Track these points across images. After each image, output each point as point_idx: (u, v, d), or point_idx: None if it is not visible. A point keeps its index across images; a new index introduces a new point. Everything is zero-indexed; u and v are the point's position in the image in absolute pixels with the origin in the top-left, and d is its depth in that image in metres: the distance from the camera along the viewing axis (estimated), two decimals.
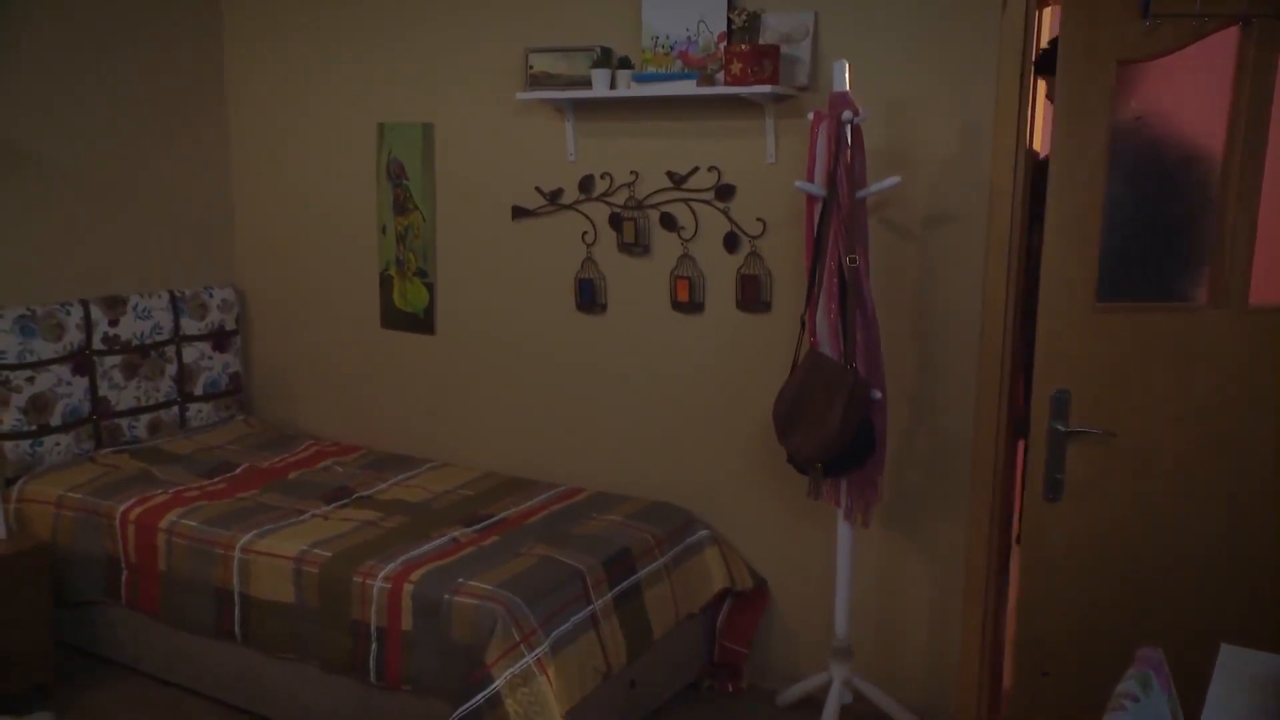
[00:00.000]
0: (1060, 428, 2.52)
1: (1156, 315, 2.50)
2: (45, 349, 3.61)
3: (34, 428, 3.59)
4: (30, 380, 3.57)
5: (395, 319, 4.00)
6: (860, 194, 2.82)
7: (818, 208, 2.86)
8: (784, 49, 3.03)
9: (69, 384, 3.69)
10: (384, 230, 3.96)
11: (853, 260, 2.78)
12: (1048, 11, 2.90)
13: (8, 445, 3.55)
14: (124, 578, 3.31)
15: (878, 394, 2.85)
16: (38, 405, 3.59)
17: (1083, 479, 2.56)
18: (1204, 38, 2.41)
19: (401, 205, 3.90)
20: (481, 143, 3.69)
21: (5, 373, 3.51)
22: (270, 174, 4.24)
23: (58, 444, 3.66)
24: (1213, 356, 2.46)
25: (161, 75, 4.03)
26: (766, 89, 2.96)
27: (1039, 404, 2.51)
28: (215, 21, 4.21)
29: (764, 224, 3.21)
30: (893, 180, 2.82)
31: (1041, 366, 2.53)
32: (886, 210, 3.02)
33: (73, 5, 3.72)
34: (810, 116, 2.86)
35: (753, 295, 3.26)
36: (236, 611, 3.07)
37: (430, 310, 3.91)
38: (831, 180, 2.79)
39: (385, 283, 4.00)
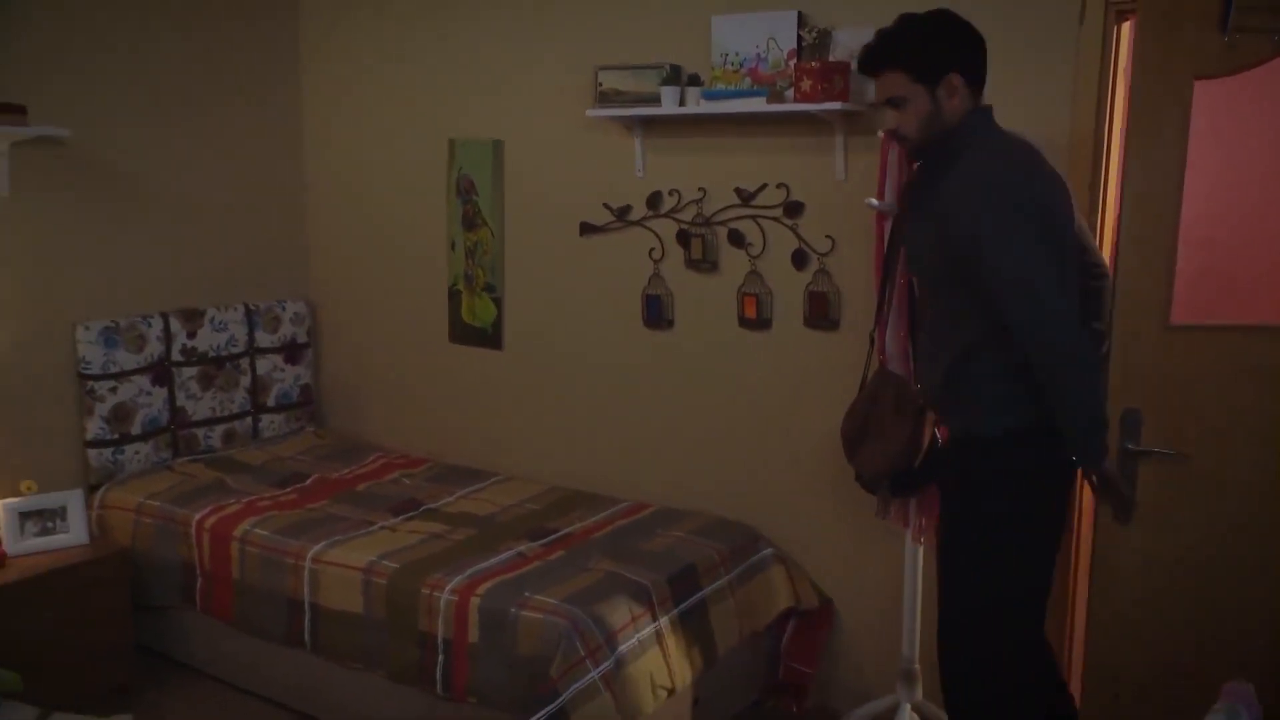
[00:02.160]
0: (1131, 446, 2.47)
1: (1232, 335, 2.44)
2: (127, 360, 3.72)
3: (116, 436, 3.70)
4: (113, 390, 3.68)
5: (463, 333, 4.05)
6: None
7: (888, 225, 2.83)
8: (854, 66, 3.01)
9: (149, 394, 3.79)
10: (453, 245, 4.02)
11: None
12: (1126, 26, 2.85)
13: (91, 453, 3.66)
14: (199, 584, 3.39)
15: None
16: (120, 414, 3.70)
17: (1154, 502, 2.51)
18: None
19: (471, 221, 3.95)
20: (550, 159, 3.73)
21: (90, 382, 3.63)
22: (342, 190, 4.33)
23: (138, 452, 3.77)
24: None
25: (240, 96, 4.14)
26: (837, 106, 2.95)
27: (1110, 423, 2.47)
28: (291, 40, 4.31)
29: (833, 241, 3.19)
30: None
31: (1114, 384, 2.49)
32: None
33: (157, 31, 3.84)
34: (881, 133, 2.84)
35: (821, 312, 3.24)
36: (306, 620, 3.13)
37: (498, 325, 3.95)
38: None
39: (454, 297, 4.05)
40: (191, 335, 3.93)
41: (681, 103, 3.24)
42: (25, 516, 3.29)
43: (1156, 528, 2.50)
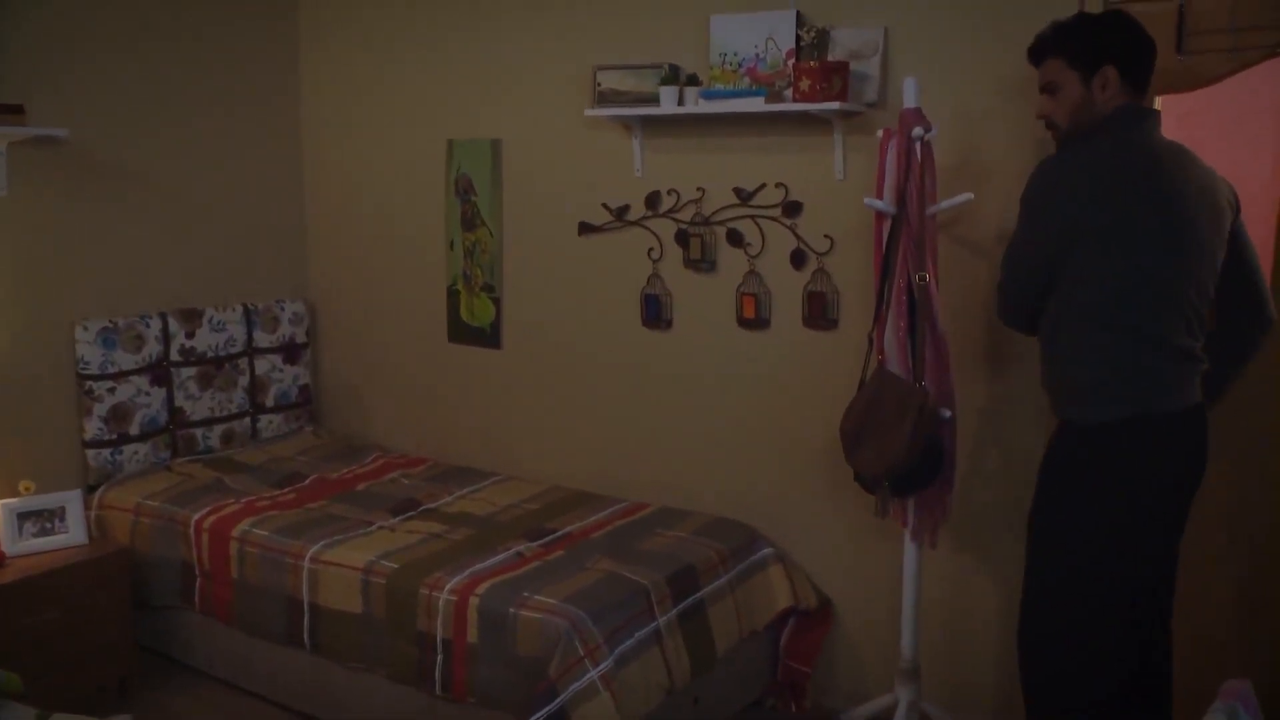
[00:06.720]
0: None
1: None
2: (126, 360, 3.71)
3: (114, 436, 3.69)
4: (111, 390, 3.67)
5: (462, 333, 4.05)
6: (930, 211, 2.79)
7: (887, 225, 2.84)
8: (853, 65, 3.02)
9: (148, 394, 3.79)
10: (452, 245, 4.02)
11: (922, 278, 2.75)
12: None
13: (90, 453, 3.65)
14: (198, 584, 3.39)
15: (947, 412, 2.81)
16: (118, 414, 3.70)
17: None
18: (1247, 68, 2.51)
19: (469, 221, 3.95)
20: (549, 159, 3.73)
21: (89, 382, 3.62)
22: (341, 190, 4.33)
23: (136, 453, 3.76)
24: None
25: (239, 96, 4.14)
26: (835, 105, 2.95)
27: None
28: (290, 40, 4.31)
29: (831, 241, 3.20)
30: (965, 196, 2.80)
31: None
32: (958, 227, 2.99)
33: (154, 30, 3.84)
34: (880, 133, 2.85)
35: (819, 312, 3.24)
36: (306, 620, 3.13)
37: (496, 325, 3.95)
38: (901, 197, 2.76)
39: (452, 297, 4.05)
40: (190, 335, 3.92)
41: (680, 102, 3.25)
42: (24, 517, 3.28)
43: None
